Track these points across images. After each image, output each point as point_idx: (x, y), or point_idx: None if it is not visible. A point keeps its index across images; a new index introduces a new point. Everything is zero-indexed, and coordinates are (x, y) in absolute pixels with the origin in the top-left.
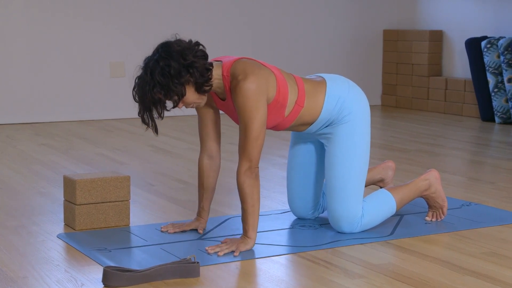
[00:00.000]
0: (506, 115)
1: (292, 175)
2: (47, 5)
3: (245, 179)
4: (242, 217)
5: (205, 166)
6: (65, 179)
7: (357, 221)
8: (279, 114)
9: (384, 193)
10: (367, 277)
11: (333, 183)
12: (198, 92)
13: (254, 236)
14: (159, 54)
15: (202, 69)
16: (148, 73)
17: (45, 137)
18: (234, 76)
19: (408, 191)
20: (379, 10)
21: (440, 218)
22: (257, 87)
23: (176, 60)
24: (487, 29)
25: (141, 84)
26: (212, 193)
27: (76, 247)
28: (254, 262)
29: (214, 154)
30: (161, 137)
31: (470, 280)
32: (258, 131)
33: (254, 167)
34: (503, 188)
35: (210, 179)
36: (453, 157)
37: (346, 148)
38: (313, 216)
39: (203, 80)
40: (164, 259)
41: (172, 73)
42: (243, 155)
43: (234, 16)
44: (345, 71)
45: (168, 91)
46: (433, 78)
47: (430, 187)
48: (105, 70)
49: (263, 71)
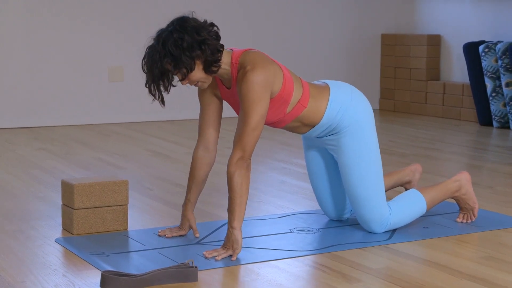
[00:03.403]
0: (504, 120)
1: (315, 181)
2: (45, 9)
3: (236, 169)
4: (228, 207)
5: (199, 158)
6: (63, 184)
7: (386, 221)
8: (281, 110)
9: (415, 193)
10: (365, 281)
11: (352, 191)
12: (205, 71)
13: (239, 226)
14: (174, 26)
15: (213, 48)
16: (160, 43)
17: (44, 141)
18: (243, 66)
19: (438, 191)
20: (377, 14)
21: (471, 220)
22: (264, 79)
23: (190, 34)
24: (485, 33)
25: (151, 53)
26: (201, 186)
27: (74, 252)
28: (252, 266)
29: (211, 145)
30: (159, 142)
31: (468, 284)
32: (257, 123)
33: (246, 157)
34: (501, 192)
35: (202, 172)
36: (451, 162)
37: (355, 157)
38: (346, 217)
39: (213, 59)
40: (162, 263)
41: (185, 45)
42: (238, 144)
43: (234, 21)
44: (343, 75)
45: (178, 62)
46: (431, 83)
47: (461, 189)
48: (104, 75)
49: (271, 65)
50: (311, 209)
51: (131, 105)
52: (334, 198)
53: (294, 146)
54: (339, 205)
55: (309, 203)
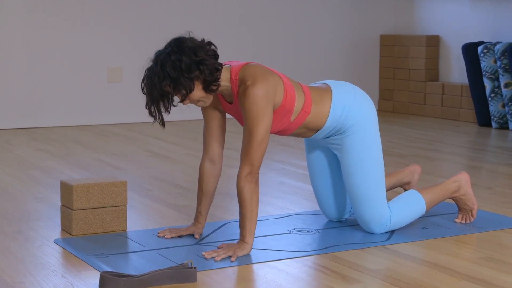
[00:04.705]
0: (502, 120)
1: (317, 182)
2: (44, 10)
3: (245, 184)
4: (240, 222)
5: (206, 171)
6: (62, 184)
7: (386, 221)
8: (285, 119)
9: (414, 193)
10: (364, 282)
11: (354, 191)
12: (205, 90)
13: (251, 241)
14: (171, 48)
15: (212, 68)
16: (159, 65)
17: (42, 142)
18: (243, 81)
19: (437, 192)
20: (376, 15)
21: (469, 221)
22: (265, 93)
23: (187, 55)
24: (484, 34)
25: (150, 76)
26: (210, 198)
27: (73, 252)
28: (251, 267)
29: (216, 158)
30: (158, 142)
31: (467, 285)
32: (262, 137)
33: (255, 172)
34: (500, 193)
35: (210, 184)
36: (450, 162)
37: (358, 157)
38: (345, 218)
39: (212, 79)
40: (161, 264)
41: (183, 67)
42: (245, 160)
43: (233, 23)
44: (342, 76)
45: (177, 84)
46: (430, 83)
47: (460, 189)
48: (103, 76)
49: (271, 77)
50: (310, 210)
51: (130, 106)
52: (335, 199)
53: (293, 147)
54: (340, 206)
55: (308, 203)
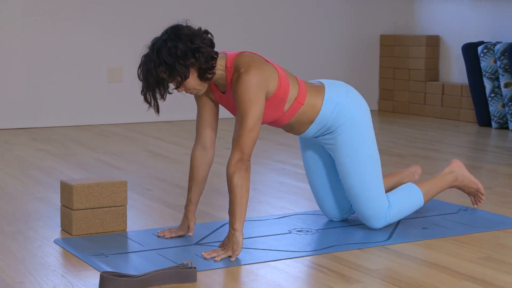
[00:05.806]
0: (502, 120)
1: (314, 181)
2: (44, 10)
3: (235, 170)
4: (229, 209)
5: (196, 157)
6: (62, 184)
7: (385, 215)
8: (278, 109)
9: (410, 185)
10: (364, 282)
11: (351, 190)
12: (200, 79)
13: (241, 228)
14: (168, 35)
15: (207, 56)
16: (155, 52)
17: (42, 142)
18: (237, 68)
19: (434, 183)
20: (376, 15)
21: (481, 201)
22: (258, 80)
23: (184, 42)
24: (483, 34)
25: (146, 62)
26: (201, 185)
27: (73, 252)
28: (251, 267)
29: (208, 144)
30: (158, 142)
31: (467, 285)
32: (254, 123)
33: (245, 159)
34: (500, 193)
35: (201, 171)
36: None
37: (352, 155)
38: (345, 217)
39: (207, 67)
40: (161, 264)
41: (179, 54)
42: (236, 146)
43: (231, 22)
44: (342, 76)
45: (172, 71)
46: (430, 83)
47: (458, 178)
48: (103, 76)
49: (266, 66)
50: (310, 210)
51: (130, 106)
52: (334, 197)
53: (293, 147)
54: (339, 204)
55: (308, 203)
